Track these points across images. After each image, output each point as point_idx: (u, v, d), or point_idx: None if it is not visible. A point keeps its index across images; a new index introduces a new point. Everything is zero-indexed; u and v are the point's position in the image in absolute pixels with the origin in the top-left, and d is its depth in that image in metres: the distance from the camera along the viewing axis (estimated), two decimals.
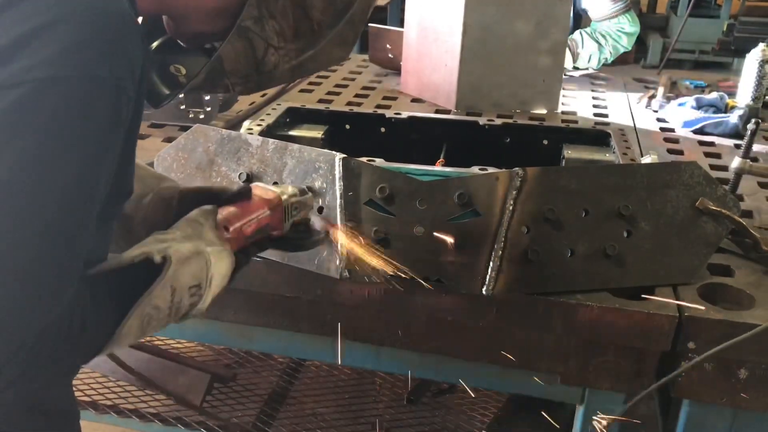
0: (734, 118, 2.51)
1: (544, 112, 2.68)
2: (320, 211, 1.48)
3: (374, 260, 1.37)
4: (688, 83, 3.12)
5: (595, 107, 2.85)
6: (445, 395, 2.66)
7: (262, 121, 2.07)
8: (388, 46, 3.15)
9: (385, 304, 1.51)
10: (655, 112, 2.78)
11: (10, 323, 0.79)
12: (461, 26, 2.51)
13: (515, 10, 2.53)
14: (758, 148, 2.28)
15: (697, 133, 2.54)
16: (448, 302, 1.48)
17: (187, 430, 2.41)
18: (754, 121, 1.77)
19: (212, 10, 1.10)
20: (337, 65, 3.31)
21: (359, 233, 1.42)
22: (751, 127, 1.75)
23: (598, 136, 2.15)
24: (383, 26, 3.30)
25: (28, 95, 0.80)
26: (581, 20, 3.49)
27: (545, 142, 2.17)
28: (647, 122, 2.67)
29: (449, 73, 2.62)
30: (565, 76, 2.96)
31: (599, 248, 1.46)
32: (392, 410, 2.60)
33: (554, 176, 1.48)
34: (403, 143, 2.19)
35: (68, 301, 0.86)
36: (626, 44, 3.32)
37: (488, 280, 1.42)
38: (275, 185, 1.31)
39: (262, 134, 1.92)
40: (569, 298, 1.43)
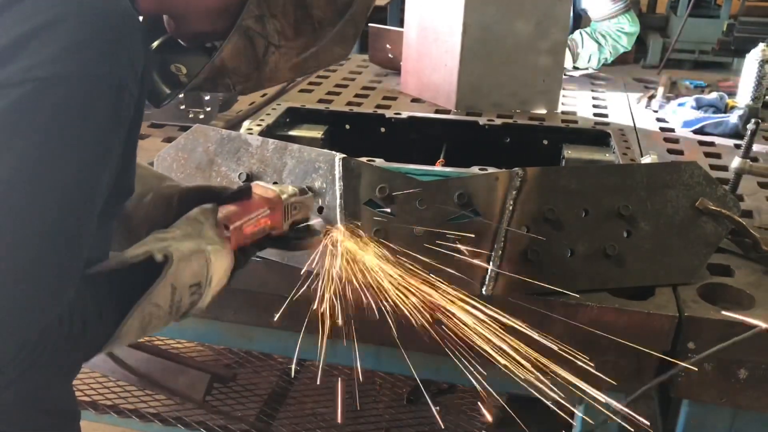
0: (734, 118, 2.51)
1: (544, 112, 2.68)
2: (320, 211, 1.48)
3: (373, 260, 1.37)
4: (688, 83, 3.12)
5: (595, 107, 2.85)
6: (445, 395, 2.66)
7: (261, 121, 2.07)
8: (388, 46, 3.15)
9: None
10: (655, 112, 2.78)
11: (10, 323, 0.79)
12: (461, 26, 2.51)
13: (515, 10, 2.53)
14: (758, 148, 2.28)
15: (697, 133, 2.54)
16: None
17: (187, 430, 2.41)
18: (754, 121, 1.77)
19: (213, 9, 1.10)
20: (337, 64, 3.31)
21: (359, 233, 1.42)
22: (751, 127, 1.75)
23: (597, 136, 2.15)
24: (383, 26, 3.30)
25: (29, 94, 0.80)
26: (581, 20, 3.49)
27: (545, 142, 2.17)
28: (647, 122, 2.67)
29: (449, 73, 2.62)
30: (565, 76, 2.96)
31: (599, 248, 1.46)
32: (392, 410, 2.60)
33: (554, 176, 1.48)
34: (403, 143, 2.19)
35: (69, 300, 0.86)
36: (626, 44, 3.32)
37: (488, 280, 1.42)
38: (275, 185, 1.31)
39: (262, 134, 1.92)
40: (569, 298, 1.43)
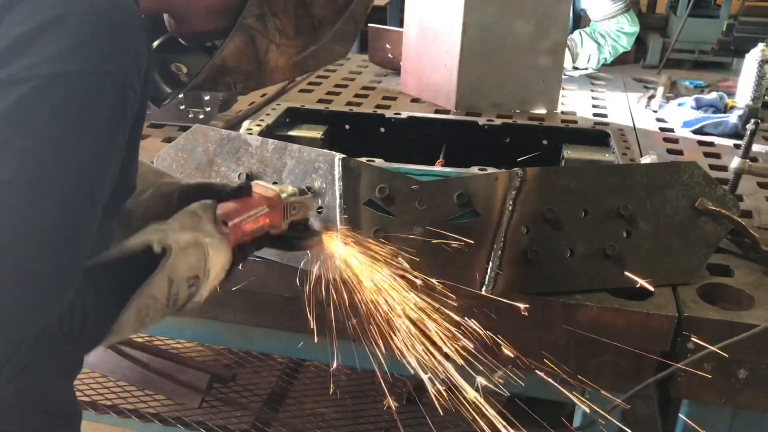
0: (734, 118, 2.51)
1: (543, 112, 2.68)
2: (320, 211, 1.48)
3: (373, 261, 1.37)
4: (687, 83, 3.12)
5: (594, 107, 2.85)
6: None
7: (261, 121, 2.07)
8: (387, 46, 3.15)
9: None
10: (654, 112, 2.78)
11: (10, 323, 0.78)
12: (461, 26, 2.51)
13: (515, 10, 2.54)
14: (757, 148, 2.28)
15: (696, 133, 2.54)
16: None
17: (186, 430, 2.41)
18: (753, 121, 1.77)
19: (213, 8, 1.10)
20: (337, 64, 3.31)
21: (358, 234, 1.42)
22: (750, 127, 1.75)
23: (597, 136, 2.15)
24: (383, 26, 3.31)
25: (33, 91, 0.80)
26: (581, 20, 3.49)
27: (545, 142, 2.17)
28: (647, 122, 2.67)
29: (449, 73, 2.62)
30: (564, 76, 2.96)
31: (599, 248, 1.46)
32: (392, 410, 2.60)
33: (554, 176, 1.48)
34: (402, 143, 2.19)
35: (69, 300, 0.86)
36: (626, 44, 3.32)
37: (488, 280, 1.42)
38: (275, 185, 1.31)
39: (261, 134, 1.92)
40: (569, 298, 1.43)
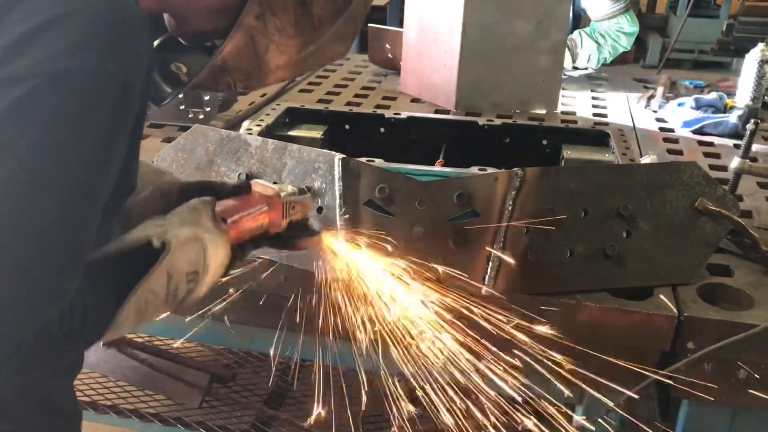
0: (733, 118, 2.51)
1: (543, 112, 2.68)
2: (319, 211, 1.48)
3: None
4: (687, 83, 3.12)
5: (594, 107, 2.85)
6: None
7: (261, 121, 2.07)
8: (387, 46, 3.15)
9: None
10: (654, 112, 2.78)
11: (10, 321, 0.79)
12: (461, 26, 2.51)
13: (515, 10, 2.54)
14: (757, 148, 2.28)
15: (696, 133, 2.54)
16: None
17: (186, 430, 2.40)
18: (753, 121, 1.77)
19: (213, 7, 1.10)
20: (337, 64, 3.31)
21: (358, 234, 1.42)
22: (750, 127, 1.75)
23: (597, 136, 2.15)
24: (383, 26, 3.31)
25: (34, 90, 0.81)
26: (581, 20, 3.49)
27: (544, 142, 2.17)
28: (646, 122, 2.67)
29: (449, 73, 2.62)
30: (564, 76, 2.96)
31: (599, 248, 1.46)
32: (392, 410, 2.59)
33: (553, 176, 1.48)
34: (402, 143, 2.19)
35: (70, 298, 0.86)
36: (625, 44, 3.32)
37: (488, 280, 1.42)
38: (275, 184, 1.31)
39: (261, 134, 1.92)
40: (569, 298, 1.43)
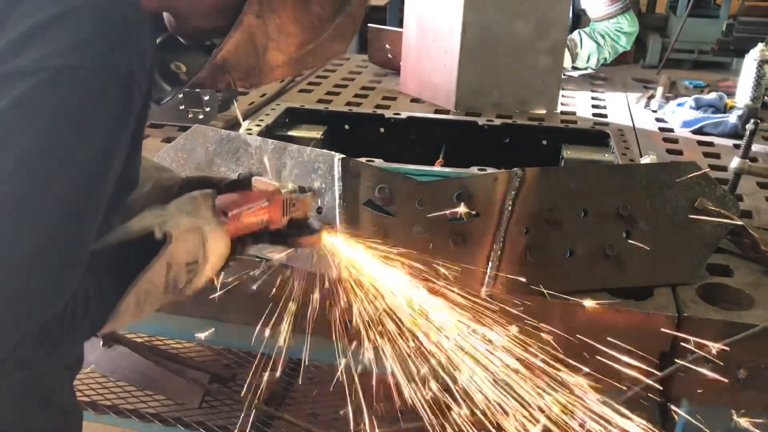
0: (733, 118, 2.51)
1: (543, 112, 2.68)
2: (319, 211, 1.48)
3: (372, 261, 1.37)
4: (687, 83, 3.12)
5: (594, 107, 2.85)
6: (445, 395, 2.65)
7: (261, 121, 2.07)
8: (387, 46, 3.15)
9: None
10: (654, 112, 2.78)
11: (14, 313, 0.79)
12: (460, 26, 2.51)
13: (515, 10, 2.54)
14: (757, 148, 2.28)
15: (696, 133, 2.54)
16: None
17: (186, 430, 2.40)
18: (753, 121, 1.77)
19: (213, 5, 1.11)
20: (336, 64, 3.31)
21: (357, 234, 1.42)
22: (750, 127, 1.75)
23: (597, 136, 2.15)
24: (382, 26, 3.31)
25: (41, 84, 0.81)
26: (580, 20, 3.49)
27: (544, 142, 2.17)
28: (646, 122, 2.67)
29: (448, 73, 2.62)
30: (564, 76, 2.96)
31: (598, 248, 1.46)
32: (392, 410, 2.59)
33: (553, 176, 1.48)
34: (402, 143, 2.19)
35: (73, 290, 0.86)
36: (625, 44, 3.32)
37: (487, 280, 1.42)
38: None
39: (261, 134, 1.93)
40: (569, 298, 1.43)
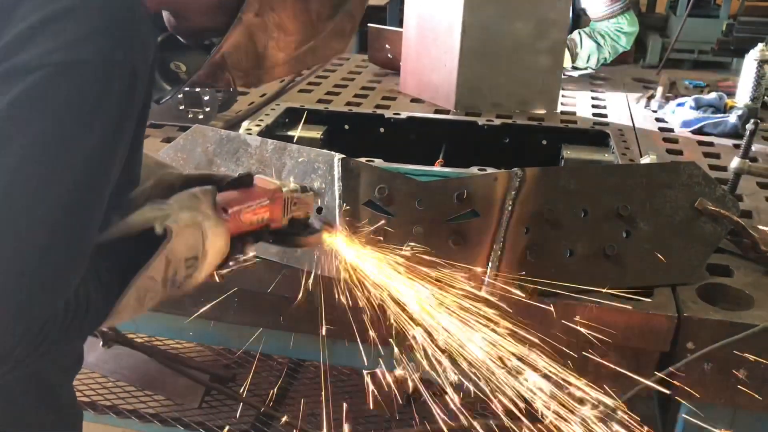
0: (733, 118, 2.51)
1: (543, 112, 2.68)
2: (319, 211, 1.48)
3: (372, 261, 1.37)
4: (687, 83, 3.12)
5: (594, 107, 2.85)
6: (445, 395, 2.65)
7: (261, 121, 2.07)
8: (387, 46, 3.15)
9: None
10: (654, 112, 2.78)
11: (16, 311, 0.79)
12: (460, 26, 2.51)
13: (514, 10, 2.53)
14: (757, 148, 2.28)
15: (696, 133, 2.54)
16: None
17: (186, 430, 2.40)
18: (753, 121, 1.77)
19: (213, 3, 1.11)
20: (336, 64, 3.31)
21: (357, 234, 1.42)
22: (750, 127, 1.75)
23: (597, 136, 2.15)
24: (382, 26, 3.31)
25: (46, 79, 0.82)
26: (580, 20, 3.49)
27: (544, 142, 2.17)
28: (646, 122, 2.67)
29: (448, 73, 2.62)
30: (564, 76, 2.96)
31: (598, 248, 1.46)
32: (392, 410, 2.59)
33: (553, 176, 1.48)
34: (402, 143, 2.19)
35: (75, 286, 0.86)
36: (625, 44, 3.32)
37: (487, 280, 1.42)
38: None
39: (261, 134, 1.92)
40: (569, 298, 1.43)
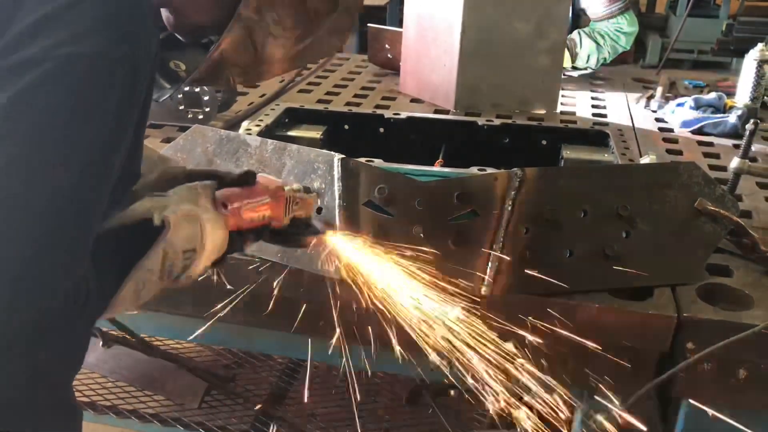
0: (733, 118, 2.51)
1: (542, 112, 2.68)
2: (319, 211, 1.48)
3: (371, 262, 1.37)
4: (687, 83, 3.12)
5: (593, 107, 2.85)
6: (445, 395, 2.66)
7: (260, 121, 2.07)
8: (387, 46, 3.15)
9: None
10: (653, 112, 2.78)
11: (19, 301, 0.79)
12: (460, 26, 2.51)
13: (514, 10, 2.53)
14: (757, 148, 2.28)
15: (695, 133, 2.54)
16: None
17: (186, 430, 2.41)
18: (752, 121, 1.77)
19: (211, 1, 1.11)
20: (336, 64, 3.31)
21: (357, 234, 1.42)
22: (749, 127, 1.75)
23: (596, 136, 2.15)
24: (382, 26, 3.30)
25: (50, 72, 0.82)
26: (580, 20, 3.49)
27: (544, 142, 2.17)
28: (646, 122, 2.66)
29: (448, 73, 2.62)
30: (564, 76, 2.96)
31: (598, 249, 1.46)
32: (392, 410, 2.60)
33: (553, 176, 1.48)
34: (401, 143, 2.19)
35: (76, 278, 0.87)
36: (625, 44, 3.32)
37: (487, 280, 1.42)
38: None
39: (260, 134, 1.92)
40: (569, 298, 1.43)
